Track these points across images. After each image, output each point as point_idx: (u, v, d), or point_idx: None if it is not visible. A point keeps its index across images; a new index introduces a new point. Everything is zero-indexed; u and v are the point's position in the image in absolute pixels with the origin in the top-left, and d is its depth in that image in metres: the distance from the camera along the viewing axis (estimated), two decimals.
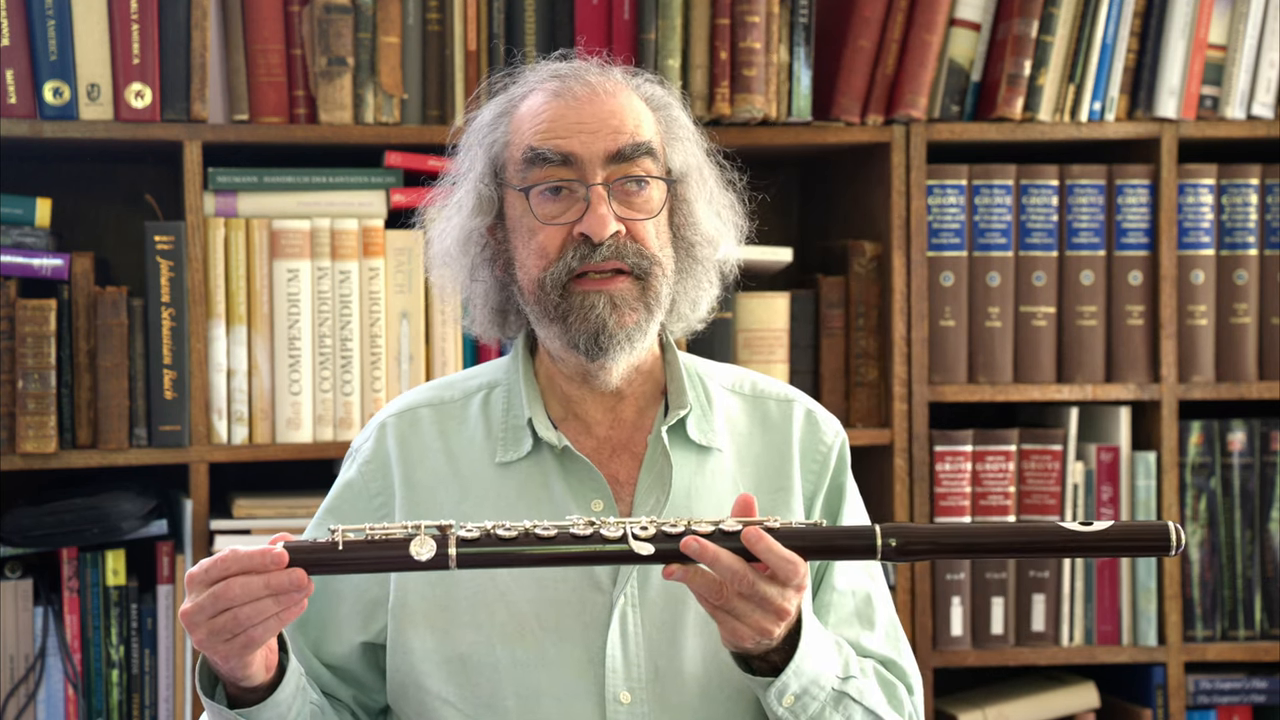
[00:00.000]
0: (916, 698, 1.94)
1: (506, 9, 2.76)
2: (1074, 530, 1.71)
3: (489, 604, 1.85)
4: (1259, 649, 2.92)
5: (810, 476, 1.96)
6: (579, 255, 1.83)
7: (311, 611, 1.91)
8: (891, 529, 1.72)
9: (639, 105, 1.89)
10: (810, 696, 1.78)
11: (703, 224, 1.92)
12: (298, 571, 1.66)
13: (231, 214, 2.70)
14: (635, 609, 1.85)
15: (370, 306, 2.72)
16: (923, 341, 2.85)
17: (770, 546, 1.68)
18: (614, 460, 1.92)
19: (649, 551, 1.69)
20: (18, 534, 2.63)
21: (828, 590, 1.93)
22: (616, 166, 1.85)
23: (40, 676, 2.65)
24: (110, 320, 2.64)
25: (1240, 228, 2.92)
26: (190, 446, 2.66)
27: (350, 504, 1.95)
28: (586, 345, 1.85)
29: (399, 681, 1.89)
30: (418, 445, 1.93)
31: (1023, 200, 2.89)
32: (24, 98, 2.62)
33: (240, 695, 1.77)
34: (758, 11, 2.77)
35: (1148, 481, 2.90)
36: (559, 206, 1.86)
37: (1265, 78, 2.92)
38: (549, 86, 1.89)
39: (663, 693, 1.84)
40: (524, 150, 1.86)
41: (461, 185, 1.95)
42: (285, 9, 2.71)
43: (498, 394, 1.95)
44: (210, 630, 1.67)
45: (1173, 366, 2.89)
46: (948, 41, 2.87)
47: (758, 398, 1.99)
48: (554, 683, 1.84)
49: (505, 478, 1.89)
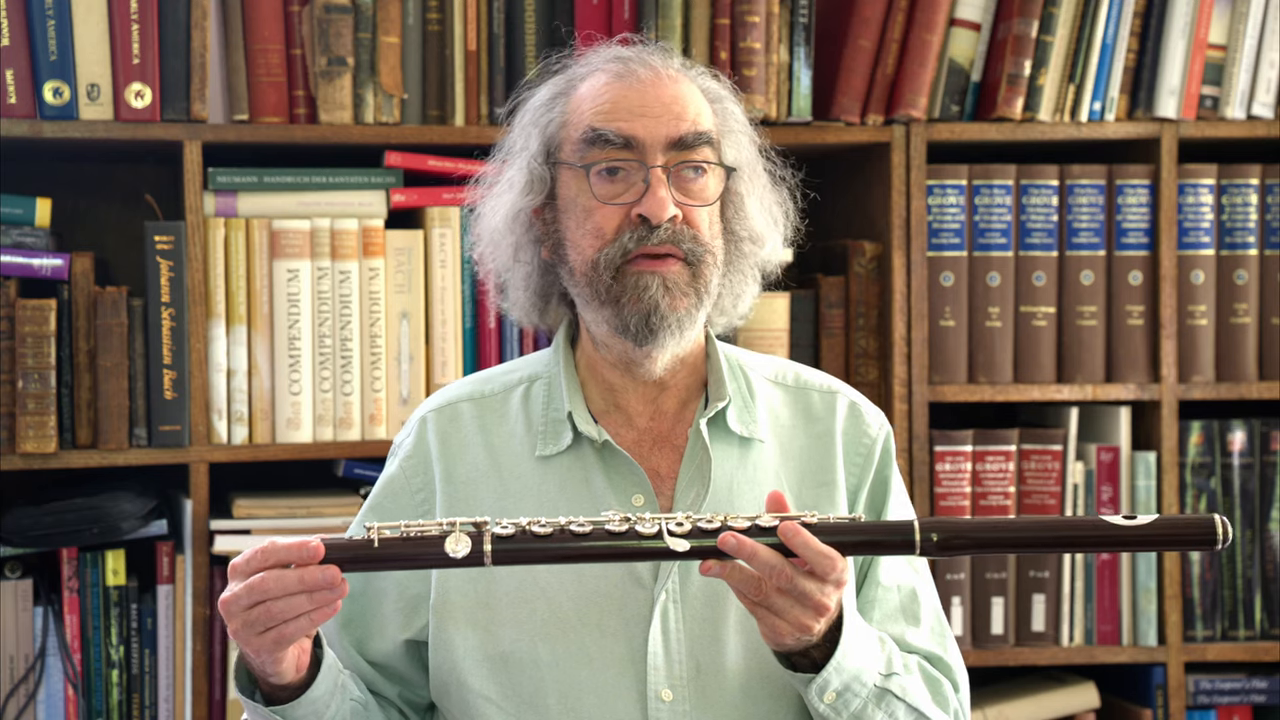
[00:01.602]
0: (963, 694, 1.93)
1: (506, 9, 2.76)
2: (1118, 524, 1.69)
3: (530, 600, 1.84)
4: (1259, 649, 2.92)
5: (854, 470, 1.94)
6: (636, 237, 1.83)
7: (355, 609, 1.91)
8: (931, 524, 1.70)
9: (698, 94, 1.89)
10: (852, 693, 1.77)
11: (752, 219, 1.91)
12: (331, 569, 1.66)
13: (231, 214, 2.70)
14: (677, 605, 1.84)
15: (370, 306, 2.72)
16: (923, 341, 2.85)
17: (807, 541, 1.67)
18: (655, 453, 1.90)
19: (685, 548, 1.68)
20: (18, 534, 2.63)
21: (872, 585, 1.92)
22: (676, 153, 1.85)
23: (40, 676, 2.65)
24: (110, 320, 2.64)
25: (1240, 228, 2.92)
26: (190, 446, 2.66)
27: (392, 500, 1.94)
28: (637, 327, 1.84)
29: (441, 679, 1.89)
30: (458, 440, 1.93)
31: (1023, 200, 2.89)
32: (24, 98, 2.62)
33: (273, 692, 1.77)
34: (758, 11, 2.77)
35: (1148, 481, 2.90)
36: (617, 187, 1.85)
37: (1265, 78, 2.92)
38: (611, 68, 1.89)
39: (704, 690, 1.83)
40: (584, 130, 1.85)
41: (513, 164, 1.93)
42: (285, 9, 2.71)
43: (538, 387, 1.94)
44: (244, 621, 1.68)
45: (1173, 366, 2.89)
46: (948, 41, 2.87)
47: (801, 389, 1.98)
48: (595, 680, 1.83)
49: (546, 472, 1.89)
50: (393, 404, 2.73)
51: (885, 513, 1.95)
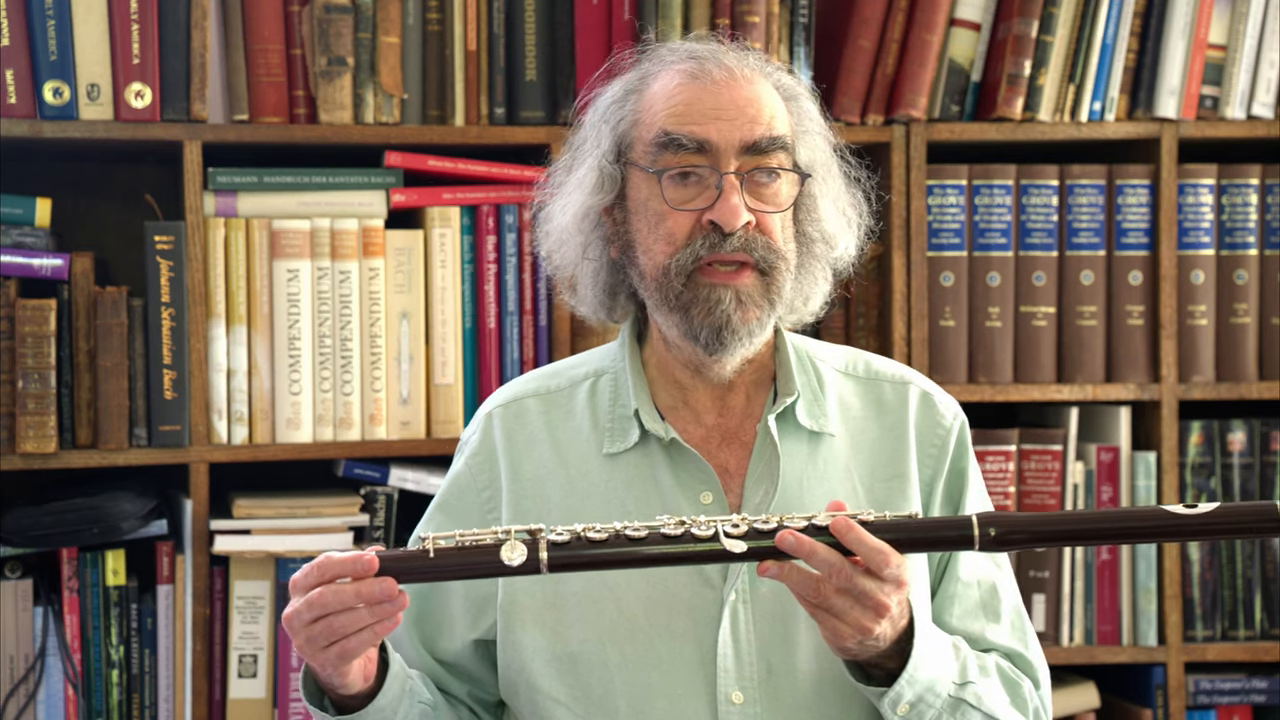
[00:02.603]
0: (1044, 691, 1.90)
1: (506, 9, 2.76)
2: (1179, 513, 1.66)
3: (598, 601, 1.82)
4: (1259, 649, 2.92)
5: (928, 462, 1.90)
6: (708, 244, 1.79)
7: (424, 607, 1.90)
8: (989, 518, 1.68)
9: (773, 95, 1.85)
10: (926, 704, 1.74)
11: (825, 221, 1.88)
12: (388, 581, 1.65)
13: (231, 214, 2.70)
14: (746, 605, 1.81)
15: (370, 306, 2.72)
16: (923, 341, 2.85)
17: (860, 536, 1.64)
18: (723, 449, 1.87)
19: (741, 549, 1.66)
20: (18, 534, 2.63)
21: (951, 581, 1.89)
22: (750, 157, 1.81)
23: (40, 676, 2.65)
24: (110, 320, 2.64)
25: (1240, 228, 2.92)
26: (190, 446, 2.66)
27: (458, 498, 1.93)
28: (707, 339, 1.81)
29: (510, 680, 1.87)
30: (524, 437, 1.91)
31: (1023, 200, 2.89)
32: (24, 98, 2.62)
33: (343, 701, 1.77)
34: (758, 11, 2.77)
35: (1148, 481, 2.90)
36: (689, 192, 1.81)
37: (1265, 78, 2.92)
38: (684, 68, 1.84)
39: (776, 692, 1.80)
40: (657, 133, 1.82)
41: (583, 162, 1.89)
42: (285, 9, 2.71)
43: (605, 382, 1.91)
44: (308, 637, 1.67)
45: (1173, 366, 2.89)
46: (948, 41, 2.87)
47: (872, 380, 1.94)
48: (665, 682, 1.80)
49: (613, 469, 1.86)
50: (393, 404, 2.73)
51: (962, 505, 1.91)
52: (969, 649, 1.84)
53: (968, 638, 1.88)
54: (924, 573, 1.88)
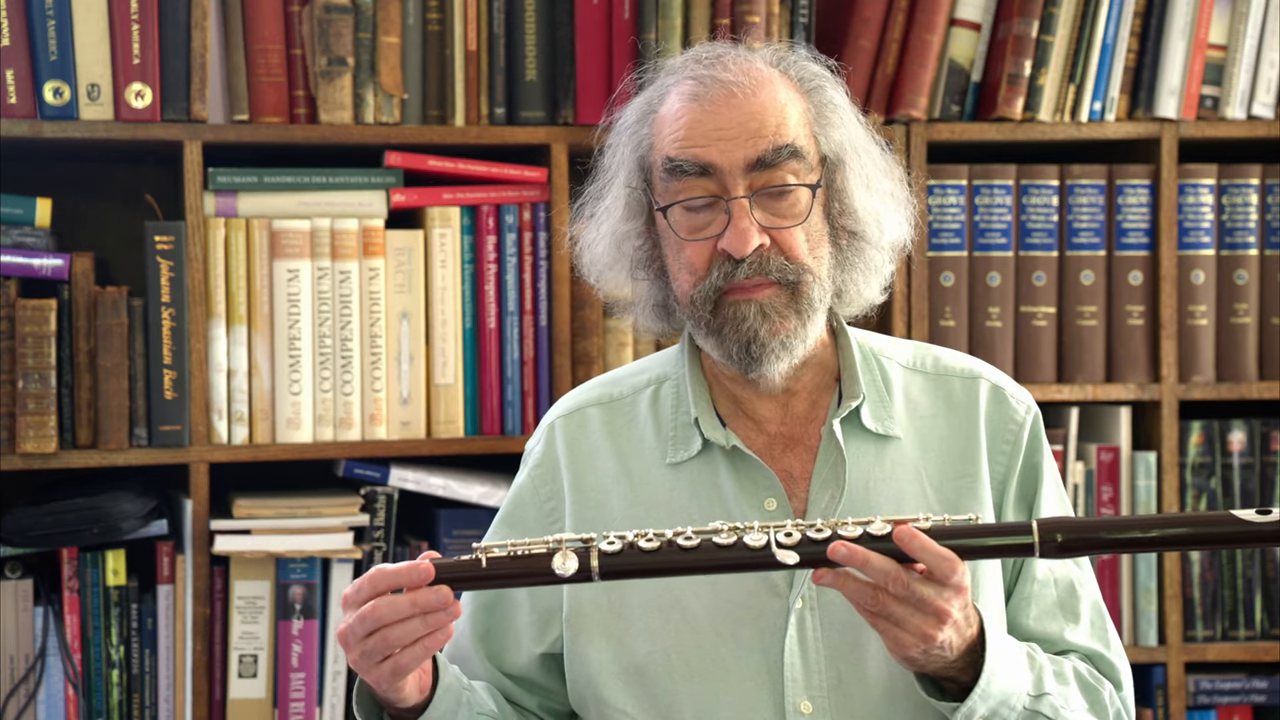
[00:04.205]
0: (1126, 693, 1.86)
1: (506, 9, 2.76)
2: (1250, 520, 1.62)
3: (664, 610, 1.80)
4: (1259, 649, 2.92)
5: (1000, 459, 1.86)
6: (723, 273, 1.76)
7: (490, 622, 1.89)
8: (1051, 524, 1.64)
9: (783, 97, 1.80)
10: (1000, 718, 1.71)
11: (862, 210, 1.83)
12: (443, 589, 1.64)
13: (231, 214, 2.70)
14: (813, 613, 1.78)
15: (370, 306, 2.72)
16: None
17: (925, 544, 1.61)
18: (787, 455, 1.84)
19: (794, 560, 1.63)
20: (18, 534, 2.63)
21: (1027, 581, 1.85)
22: (759, 174, 1.77)
23: (40, 676, 2.65)
24: (110, 320, 2.64)
25: (1240, 228, 2.92)
26: (190, 446, 2.66)
27: (522, 510, 1.92)
28: (739, 356, 1.78)
29: (579, 693, 1.86)
30: (587, 447, 1.89)
31: (1023, 200, 2.89)
32: (24, 98, 2.62)
33: (400, 715, 1.76)
34: (758, 11, 2.77)
35: (1148, 482, 2.90)
36: (702, 219, 1.78)
37: (1265, 78, 2.92)
38: (685, 88, 1.81)
39: (846, 701, 1.77)
40: (663, 160, 1.79)
41: (610, 188, 1.88)
42: (285, 9, 2.71)
43: (666, 389, 1.89)
44: (362, 652, 1.66)
45: (1173, 366, 2.89)
46: (948, 41, 2.87)
47: (941, 375, 1.90)
48: (732, 693, 1.78)
49: (676, 478, 1.84)
50: (393, 404, 2.73)
51: (1038, 501, 1.87)
52: (1045, 656, 1.80)
53: (1046, 639, 1.84)
54: (997, 578, 1.84)
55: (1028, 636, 1.84)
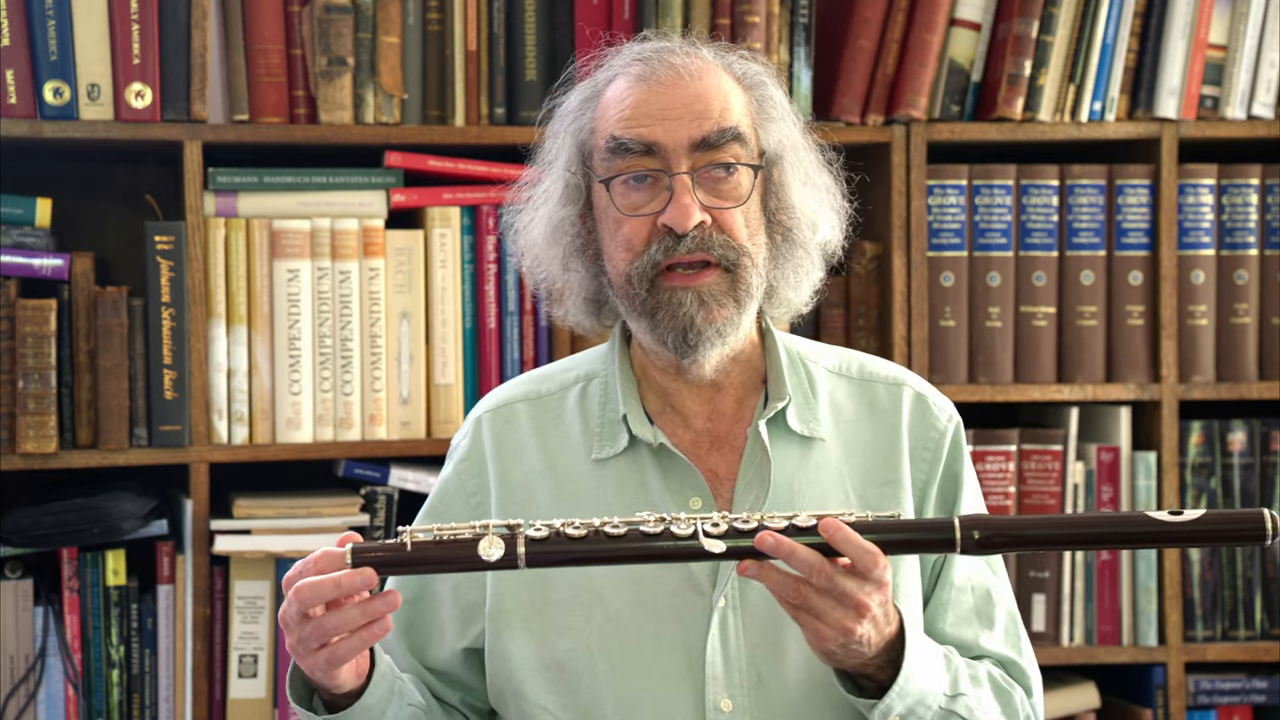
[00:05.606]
0: (1036, 700, 1.88)
1: (506, 9, 2.76)
2: (1164, 520, 1.65)
3: (586, 607, 1.81)
4: (1259, 649, 2.92)
5: (922, 466, 1.88)
6: (663, 248, 1.77)
7: (414, 616, 1.89)
8: (972, 520, 1.66)
9: (727, 86, 1.82)
10: (916, 716, 1.73)
11: (798, 206, 1.85)
12: (367, 570, 1.64)
13: (231, 214, 2.70)
14: (736, 612, 1.79)
15: (370, 306, 2.72)
16: (923, 341, 2.85)
17: (849, 537, 1.63)
18: (713, 454, 1.86)
19: (720, 549, 1.65)
20: (18, 534, 2.63)
21: (945, 587, 1.87)
22: (702, 154, 1.78)
23: (40, 676, 2.65)
24: (110, 320, 2.64)
25: (1240, 228, 2.92)
26: (190, 446, 2.66)
27: (447, 504, 1.92)
28: (675, 343, 1.79)
29: (498, 688, 1.86)
30: (513, 442, 1.89)
31: (1023, 200, 2.89)
32: (24, 98, 2.62)
33: (334, 700, 1.76)
34: (758, 11, 2.77)
35: (1148, 482, 2.90)
36: (643, 196, 1.80)
37: (1265, 78, 2.92)
38: (632, 71, 1.83)
39: (765, 699, 1.78)
40: (607, 139, 1.81)
41: (549, 173, 1.89)
42: (285, 9, 2.71)
43: (595, 386, 1.90)
44: (299, 637, 1.66)
45: (1173, 366, 2.89)
46: (948, 41, 2.87)
47: (865, 381, 1.91)
48: (653, 690, 1.79)
49: (603, 475, 1.85)
50: (393, 404, 2.73)
51: (957, 508, 1.88)
52: (960, 659, 1.82)
53: (961, 645, 1.86)
54: (915, 581, 1.86)
55: (944, 641, 1.86)
